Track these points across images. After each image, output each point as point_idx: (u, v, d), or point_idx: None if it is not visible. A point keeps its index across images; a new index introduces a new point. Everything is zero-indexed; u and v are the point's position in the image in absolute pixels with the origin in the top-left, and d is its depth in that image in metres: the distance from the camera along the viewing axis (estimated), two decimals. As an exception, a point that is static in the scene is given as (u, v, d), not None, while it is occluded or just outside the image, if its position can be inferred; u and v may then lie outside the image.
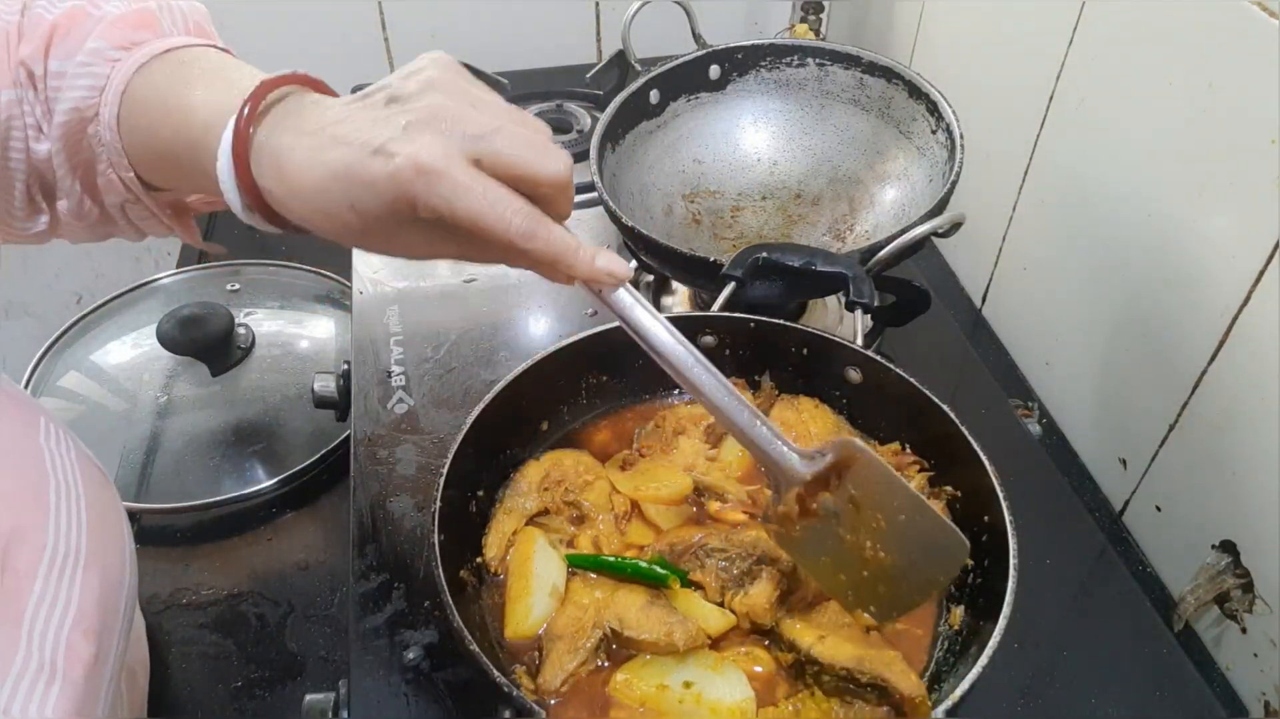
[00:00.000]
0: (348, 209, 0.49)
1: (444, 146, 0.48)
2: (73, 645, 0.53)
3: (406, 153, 0.47)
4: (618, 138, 1.00)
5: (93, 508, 0.58)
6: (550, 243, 0.51)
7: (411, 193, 0.48)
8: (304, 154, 0.50)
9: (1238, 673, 0.80)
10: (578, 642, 0.62)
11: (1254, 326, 0.73)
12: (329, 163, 0.49)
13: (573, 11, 1.47)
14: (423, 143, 0.48)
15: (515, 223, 0.49)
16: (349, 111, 0.51)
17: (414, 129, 0.48)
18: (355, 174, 0.48)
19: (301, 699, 0.72)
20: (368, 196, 0.49)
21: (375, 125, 0.49)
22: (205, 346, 1.05)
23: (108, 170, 0.60)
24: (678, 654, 0.61)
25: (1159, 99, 0.80)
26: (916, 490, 0.56)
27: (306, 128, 0.51)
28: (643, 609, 0.63)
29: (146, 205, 0.62)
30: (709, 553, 0.66)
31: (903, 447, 0.74)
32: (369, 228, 0.50)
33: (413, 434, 0.88)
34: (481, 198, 0.48)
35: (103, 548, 0.58)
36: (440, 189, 0.48)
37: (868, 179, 1.02)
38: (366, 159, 0.48)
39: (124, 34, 0.58)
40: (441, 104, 0.49)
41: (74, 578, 0.55)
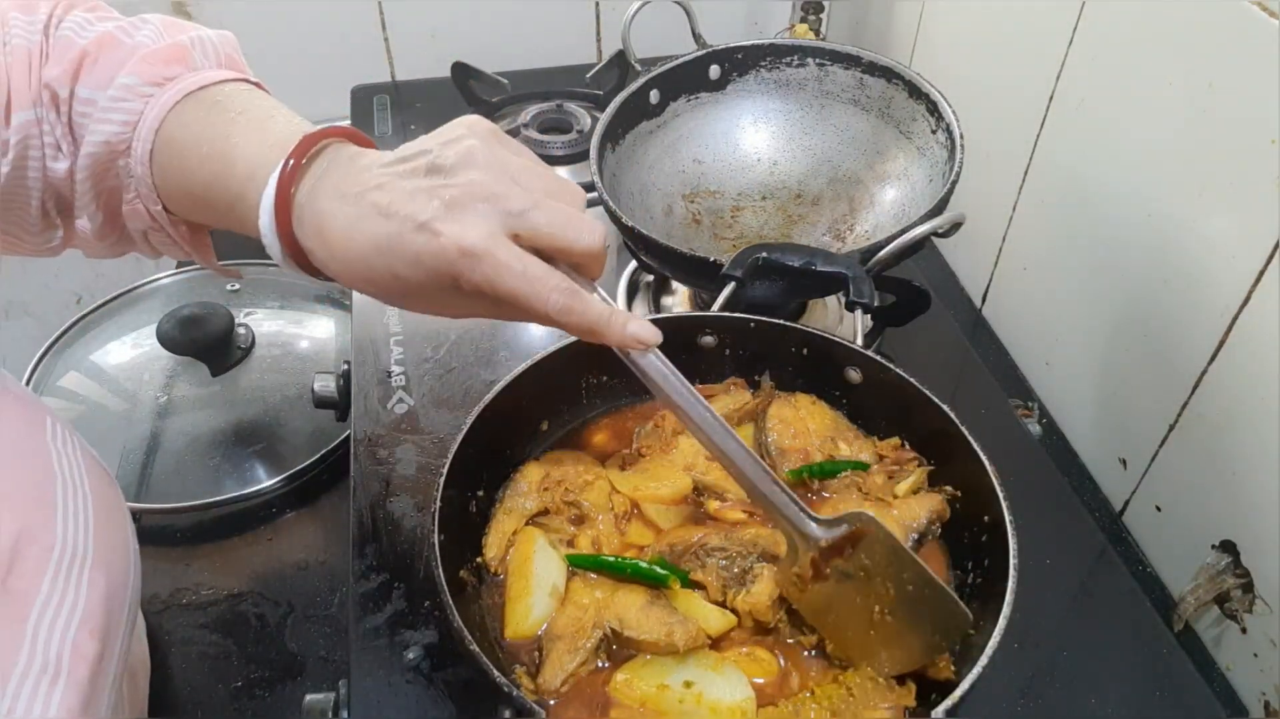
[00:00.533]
0: (391, 278, 0.52)
1: (486, 226, 0.50)
2: (78, 645, 0.53)
3: (450, 233, 0.50)
4: (618, 138, 1.00)
5: (99, 507, 0.58)
6: (585, 315, 0.54)
7: (455, 270, 0.50)
8: (345, 221, 0.52)
9: (1238, 673, 0.80)
10: (578, 642, 0.62)
11: (1254, 327, 0.73)
12: (372, 235, 0.51)
13: (573, 11, 1.47)
14: (466, 223, 0.50)
15: (553, 299, 0.52)
16: (389, 177, 0.53)
17: (456, 207, 0.51)
18: (398, 249, 0.51)
19: (301, 699, 0.72)
20: (411, 269, 0.51)
21: (416, 198, 0.51)
22: (205, 347, 1.05)
23: (135, 201, 0.60)
24: (678, 654, 0.61)
25: (1159, 99, 0.80)
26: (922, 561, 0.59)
27: (347, 190, 0.53)
28: (643, 609, 0.63)
29: (170, 234, 0.62)
30: (709, 552, 0.66)
31: (902, 443, 0.74)
32: (410, 293, 0.53)
33: (413, 434, 0.88)
34: (521, 277, 0.51)
35: (108, 547, 0.58)
36: (483, 269, 0.50)
37: (868, 179, 1.02)
38: (410, 234, 0.50)
39: (157, 69, 0.58)
40: (481, 181, 0.52)
41: (80, 577, 0.55)
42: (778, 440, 0.74)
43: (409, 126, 1.34)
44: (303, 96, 1.45)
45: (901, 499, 0.71)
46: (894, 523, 0.68)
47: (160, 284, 1.21)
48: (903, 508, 0.69)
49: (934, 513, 0.69)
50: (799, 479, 0.72)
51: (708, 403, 0.60)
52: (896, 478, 0.72)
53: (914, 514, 0.69)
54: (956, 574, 0.68)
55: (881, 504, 0.70)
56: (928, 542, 0.70)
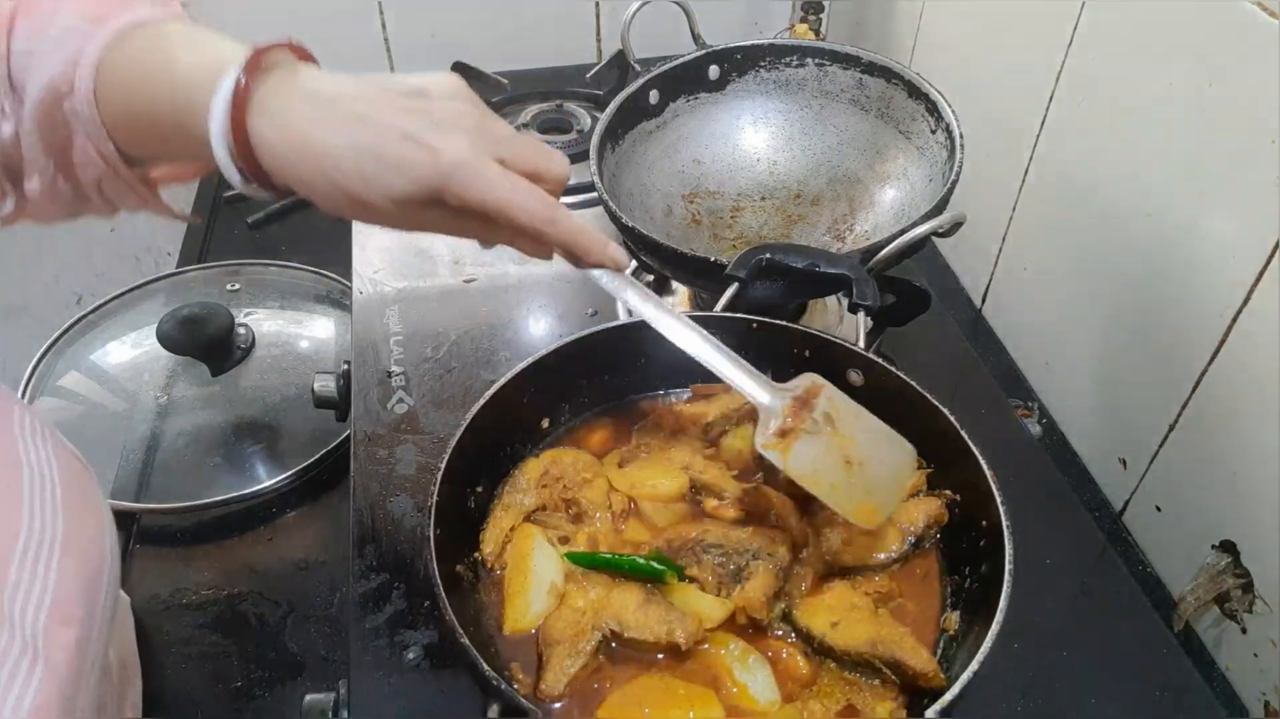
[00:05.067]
0: (361, 181, 0.53)
1: (474, 145, 0.54)
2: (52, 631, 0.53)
3: (445, 147, 0.53)
4: (618, 138, 1.00)
5: (69, 495, 0.58)
6: (568, 227, 0.58)
7: (445, 182, 0.53)
8: (319, 121, 0.54)
9: (1238, 673, 0.80)
10: (577, 645, 0.62)
11: (1254, 326, 0.73)
12: (352, 138, 0.53)
13: (573, 11, 1.48)
14: (458, 140, 0.54)
15: (539, 212, 0.56)
16: (366, 90, 0.55)
17: (447, 126, 0.54)
18: (383, 155, 0.53)
19: (301, 699, 0.72)
20: (393, 177, 0.53)
21: (404, 114, 0.54)
22: (205, 347, 1.05)
23: (85, 145, 0.59)
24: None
25: (1159, 99, 0.80)
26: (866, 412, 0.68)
27: (314, 94, 0.55)
28: (640, 607, 0.63)
29: (123, 178, 0.62)
30: (706, 549, 0.66)
31: None
32: (374, 202, 0.55)
33: (413, 434, 0.88)
34: (511, 189, 0.55)
35: (81, 535, 0.58)
36: (474, 181, 0.54)
37: (867, 179, 1.02)
38: (396, 143, 0.53)
39: (94, 8, 0.59)
40: (467, 110, 0.56)
41: (50, 564, 0.55)
42: None
43: (409, 126, 1.34)
44: (303, 96, 1.46)
45: (900, 503, 0.70)
46: (891, 526, 0.68)
47: (160, 284, 1.21)
48: (900, 511, 0.69)
49: (932, 517, 0.69)
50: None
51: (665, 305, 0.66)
52: None
53: (911, 518, 0.69)
54: (954, 580, 0.68)
55: None
56: (925, 548, 0.70)
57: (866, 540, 0.68)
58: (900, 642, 0.61)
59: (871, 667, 0.61)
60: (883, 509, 0.66)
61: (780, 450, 0.65)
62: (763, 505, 0.71)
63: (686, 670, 0.62)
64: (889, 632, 0.62)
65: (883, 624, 0.62)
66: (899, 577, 0.68)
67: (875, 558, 0.68)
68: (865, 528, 0.66)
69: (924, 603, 0.67)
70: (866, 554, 0.68)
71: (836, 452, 0.66)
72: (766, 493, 0.71)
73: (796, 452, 0.65)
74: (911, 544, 0.68)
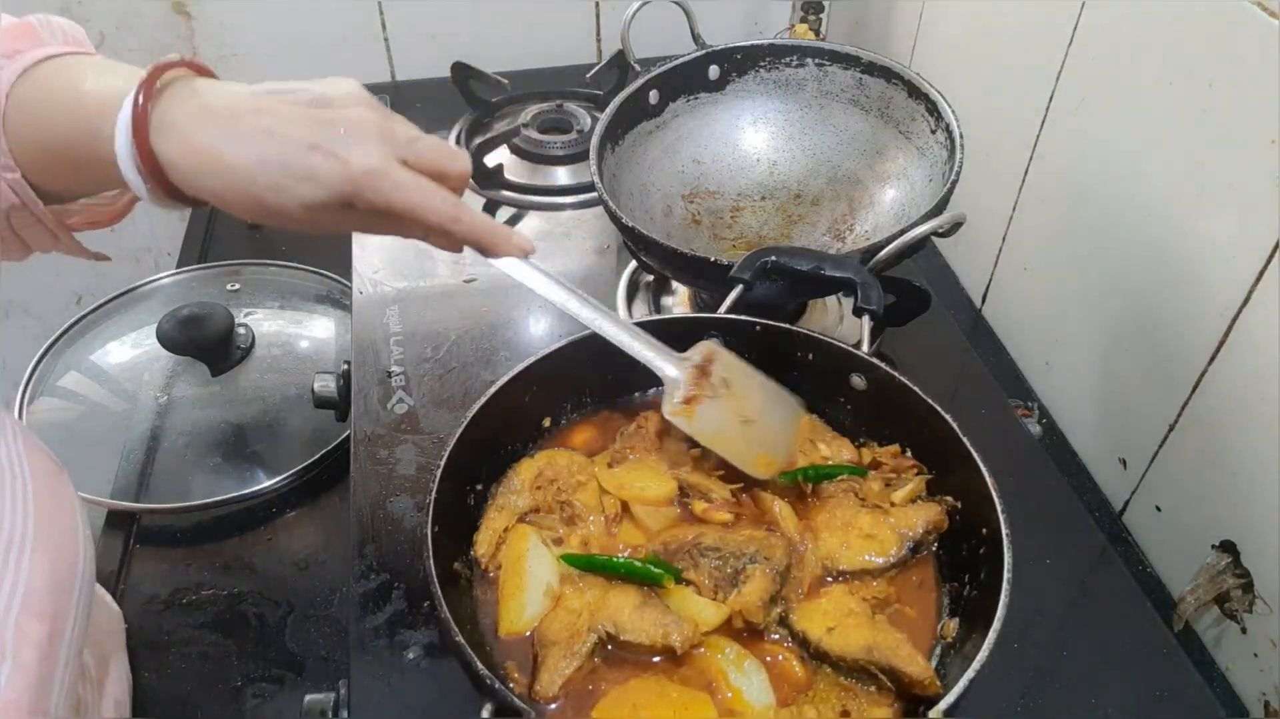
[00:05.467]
0: (274, 192, 0.56)
1: (380, 150, 0.57)
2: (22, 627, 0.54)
3: (352, 155, 0.55)
4: (618, 138, 1.00)
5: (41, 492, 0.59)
6: (473, 223, 0.61)
7: (355, 189, 0.56)
8: (220, 136, 0.56)
9: (1238, 673, 0.80)
10: (573, 647, 0.62)
11: (1254, 326, 0.73)
12: (259, 152, 0.55)
13: (573, 11, 1.48)
14: (365, 148, 0.56)
15: (445, 211, 0.59)
16: (266, 103, 0.57)
17: (353, 134, 0.56)
18: (292, 166, 0.55)
19: (301, 699, 0.72)
20: (304, 186, 0.55)
21: (309, 125, 0.56)
22: (205, 347, 1.05)
23: None
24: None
25: (1159, 99, 0.80)
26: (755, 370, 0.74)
27: (217, 110, 0.57)
28: (636, 610, 0.63)
29: (34, 212, 0.62)
30: (703, 552, 0.66)
31: (903, 449, 0.74)
32: (288, 210, 0.57)
33: (413, 434, 0.88)
34: (417, 191, 0.58)
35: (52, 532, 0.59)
36: (382, 186, 0.56)
37: (867, 179, 1.02)
38: (304, 153, 0.55)
39: (4, 43, 0.60)
40: (369, 117, 0.58)
41: (20, 560, 0.56)
42: None
43: (409, 127, 1.34)
44: (303, 96, 1.46)
45: (899, 507, 0.70)
46: (889, 530, 0.68)
47: (160, 284, 1.21)
48: (899, 515, 0.69)
49: (931, 523, 0.69)
50: (794, 481, 0.72)
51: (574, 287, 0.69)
52: (894, 485, 0.72)
53: (910, 523, 0.68)
54: (953, 587, 0.67)
55: (878, 511, 0.70)
56: (923, 554, 0.69)
57: (864, 544, 0.68)
58: (896, 649, 0.60)
59: (867, 673, 0.61)
60: (778, 459, 0.72)
61: (686, 416, 0.70)
62: (752, 506, 0.71)
63: (682, 674, 0.62)
64: (885, 638, 0.61)
65: (879, 630, 0.62)
66: (897, 582, 0.68)
67: (873, 562, 0.67)
68: (762, 477, 0.71)
69: (922, 609, 0.67)
70: (864, 559, 0.67)
71: (734, 412, 0.72)
72: (762, 496, 0.71)
73: (700, 416, 0.70)
74: (910, 549, 0.68)
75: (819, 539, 0.68)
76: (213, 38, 1.39)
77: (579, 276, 1.07)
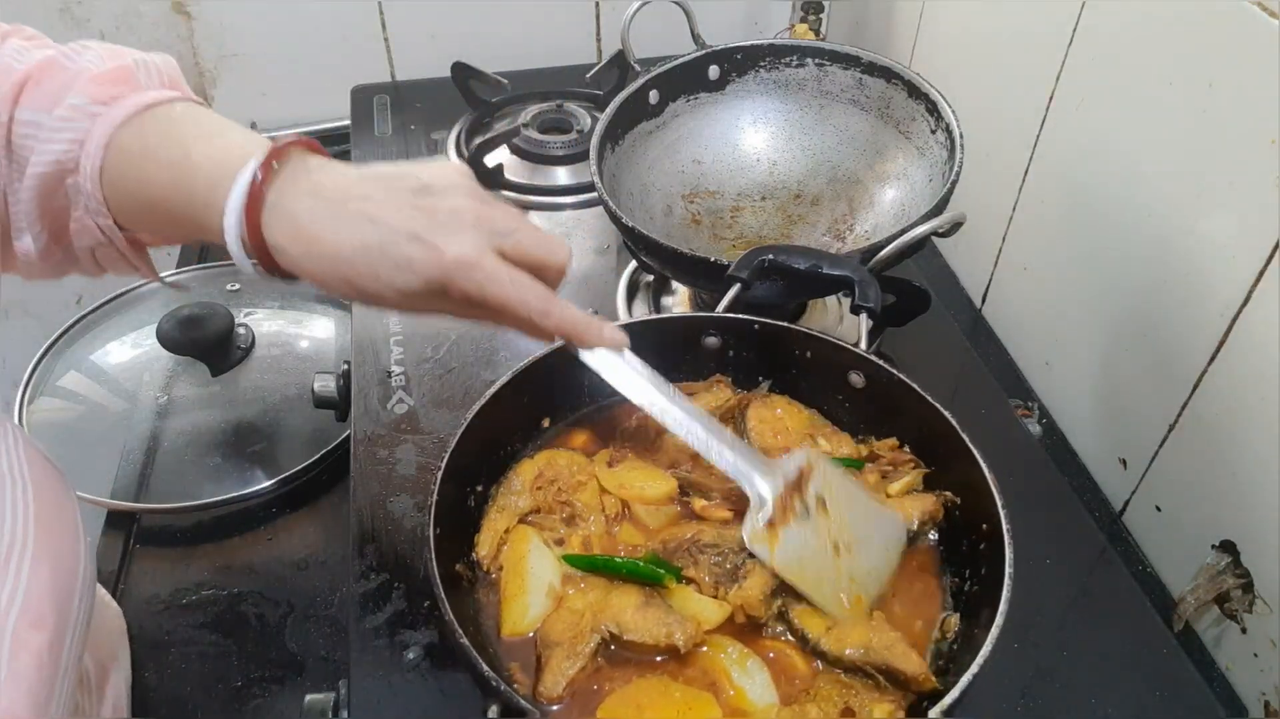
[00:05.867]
0: (372, 278, 0.56)
1: (476, 241, 0.56)
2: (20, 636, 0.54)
3: (448, 245, 0.55)
4: (618, 138, 1.00)
5: (41, 499, 0.59)
6: (564, 317, 0.60)
7: (449, 278, 0.56)
8: (327, 222, 0.57)
9: (1238, 673, 0.80)
10: (576, 647, 0.62)
11: (1254, 326, 0.73)
12: (361, 238, 0.56)
13: (573, 11, 1.47)
14: (461, 238, 0.56)
15: (535, 305, 0.58)
16: (373, 189, 0.57)
17: (451, 223, 0.56)
18: (390, 253, 0.56)
19: (301, 699, 0.72)
20: (399, 273, 0.56)
21: (409, 213, 0.56)
22: (205, 347, 1.05)
23: (83, 218, 0.61)
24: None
25: (1159, 99, 0.80)
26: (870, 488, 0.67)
27: (326, 194, 0.57)
28: (639, 610, 0.63)
29: (119, 249, 0.63)
30: (702, 549, 0.66)
31: (900, 443, 0.74)
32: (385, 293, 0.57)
33: (413, 434, 0.88)
34: (509, 284, 0.57)
35: (53, 539, 0.59)
36: (475, 277, 0.56)
37: (867, 179, 1.02)
38: (403, 243, 0.56)
39: (104, 89, 0.60)
40: (469, 206, 0.58)
41: (20, 568, 0.56)
42: (760, 441, 0.74)
43: (409, 126, 1.34)
44: (303, 96, 1.46)
45: (895, 499, 0.71)
46: None
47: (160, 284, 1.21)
48: (895, 507, 0.69)
49: (926, 514, 0.69)
50: None
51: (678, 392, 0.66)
52: (891, 478, 0.72)
53: (906, 514, 0.69)
54: (954, 582, 0.68)
55: None
56: (920, 545, 0.70)
57: None
58: (892, 648, 0.61)
59: (865, 671, 0.61)
60: (868, 596, 0.65)
61: (767, 543, 0.64)
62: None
63: (685, 673, 0.62)
64: (881, 638, 0.61)
65: (875, 630, 0.62)
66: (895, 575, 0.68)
67: None
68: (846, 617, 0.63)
69: (922, 604, 0.67)
70: None
71: (825, 537, 0.65)
72: None
73: (784, 541, 0.64)
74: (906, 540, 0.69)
75: None
76: (213, 38, 1.39)
77: (579, 276, 1.07)
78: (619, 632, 0.62)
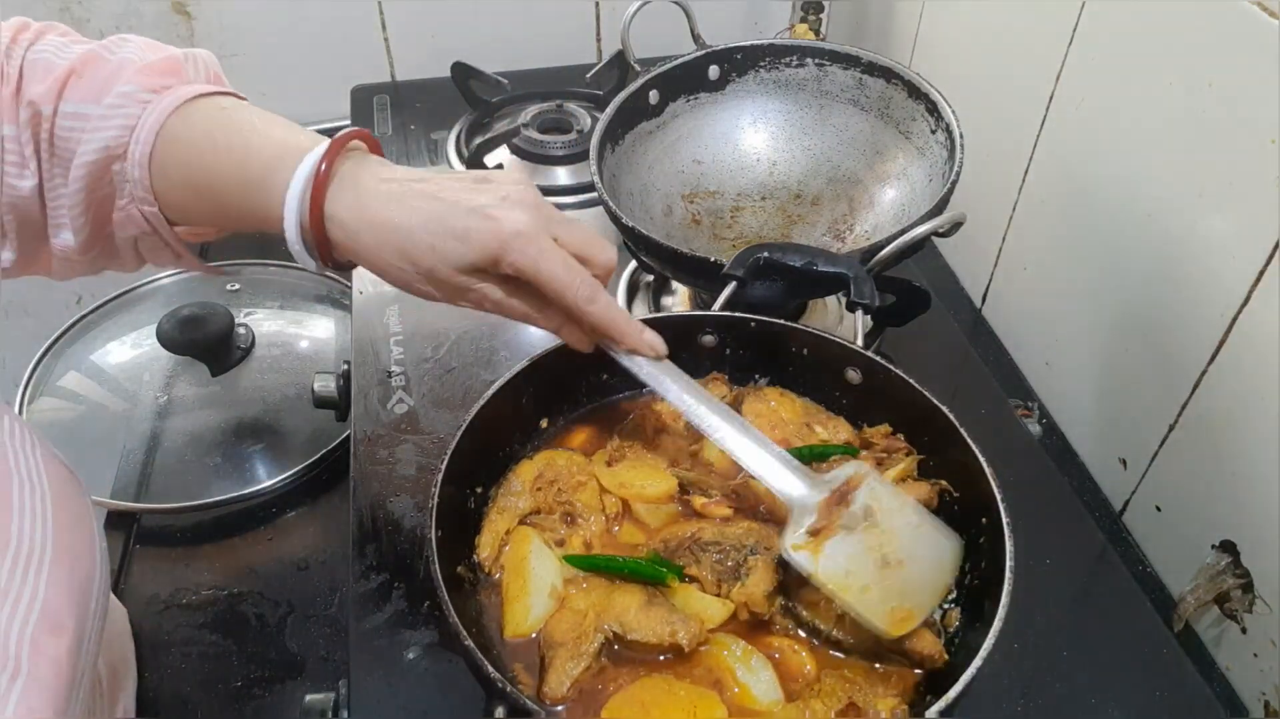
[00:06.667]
0: (428, 250, 0.58)
1: (533, 220, 0.59)
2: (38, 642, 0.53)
3: (506, 218, 0.58)
4: (617, 138, 1.00)
5: (59, 505, 0.59)
6: (609, 310, 0.62)
7: (505, 250, 0.58)
8: (391, 197, 0.59)
9: (1238, 673, 0.80)
10: (580, 647, 0.61)
11: (1254, 326, 0.73)
12: (422, 211, 0.58)
13: (573, 11, 1.48)
14: (521, 214, 0.59)
15: (582, 291, 0.60)
16: (433, 176, 0.61)
17: (510, 202, 0.59)
18: (450, 223, 0.58)
19: (301, 699, 0.72)
20: (458, 245, 0.58)
21: (470, 192, 0.59)
22: (205, 347, 1.05)
23: (128, 206, 0.62)
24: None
25: (1159, 99, 0.80)
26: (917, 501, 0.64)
27: (386, 176, 0.60)
28: (642, 609, 0.63)
29: (163, 237, 0.64)
30: (703, 547, 0.66)
31: (893, 430, 0.75)
32: (438, 271, 0.59)
33: (413, 434, 0.88)
34: (561, 263, 0.59)
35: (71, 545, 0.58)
36: (530, 251, 0.58)
37: (867, 179, 1.02)
38: (462, 214, 0.58)
39: (154, 79, 0.62)
40: (527, 193, 0.61)
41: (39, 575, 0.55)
42: None
43: (409, 126, 1.34)
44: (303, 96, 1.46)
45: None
46: None
47: (160, 284, 1.21)
48: None
49: (920, 500, 0.69)
50: None
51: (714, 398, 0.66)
52: (885, 465, 0.73)
53: None
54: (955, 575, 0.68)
55: None
56: None
57: None
58: None
59: (878, 655, 0.62)
60: (918, 613, 0.61)
61: (811, 550, 0.61)
62: (751, 499, 0.71)
63: (689, 672, 0.62)
64: None
65: None
66: None
67: None
68: (893, 635, 0.60)
69: None
70: None
71: (874, 549, 0.61)
72: (754, 486, 0.71)
73: (828, 552, 0.61)
74: None
75: None
76: (213, 38, 1.39)
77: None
78: (622, 631, 0.62)
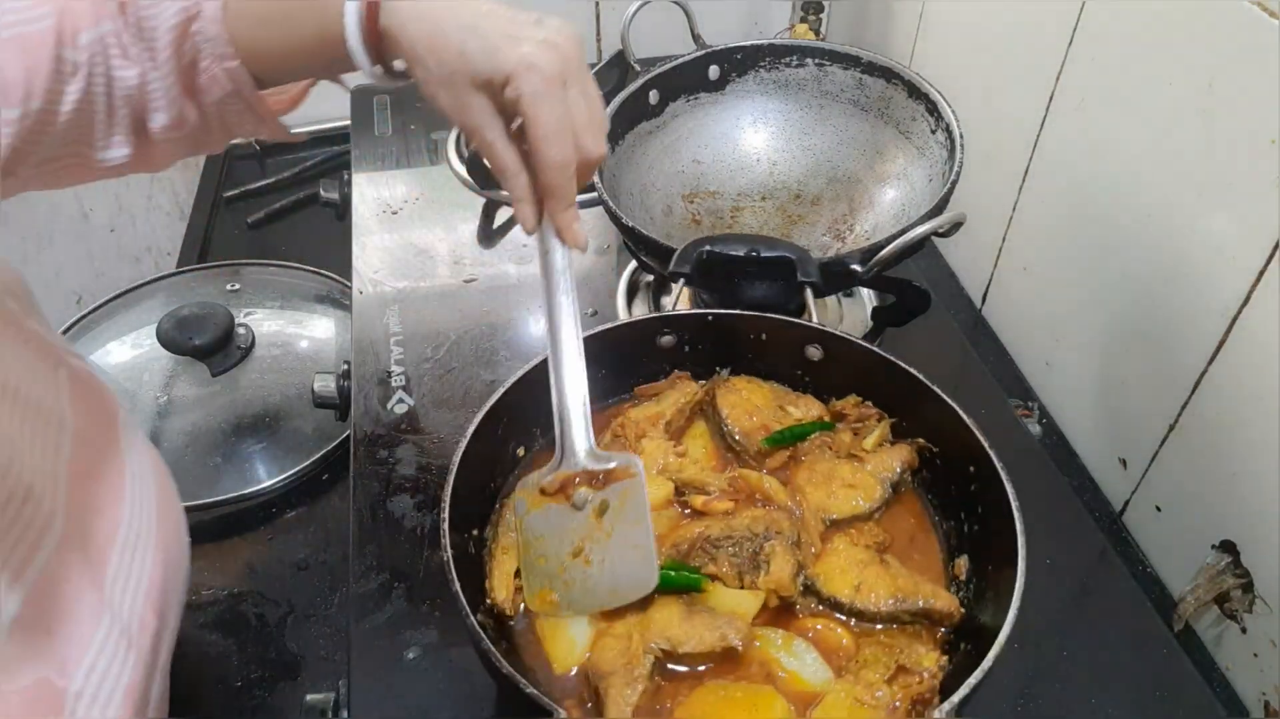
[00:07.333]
0: (458, 53, 0.59)
1: (557, 65, 0.59)
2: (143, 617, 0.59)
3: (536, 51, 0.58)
4: (617, 138, 1.00)
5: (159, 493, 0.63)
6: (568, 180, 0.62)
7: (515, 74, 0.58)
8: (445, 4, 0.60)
9: (1238, 673, 0.80)
10: (632, 672, 0.60)
11: (1254, 326, 0.73)
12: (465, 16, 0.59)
13: (573, 11, 1.47)
14: (549, 54, 0.59)
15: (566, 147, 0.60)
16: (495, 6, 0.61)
17: (548, 44, 0.59)
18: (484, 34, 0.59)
19: (301, 699, 0.72)
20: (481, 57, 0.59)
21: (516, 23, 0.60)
22: (205, 347, 1.05)
23: (211, 66, 0.62)
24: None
25: (1159, 99, 0.80)
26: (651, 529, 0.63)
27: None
28: (685, 620, 0.62)
29: (245, 97, 0.64)
30: (716, 544, 0.66)
31: (861, 399, 0.76)
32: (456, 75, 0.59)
33: (413, 434, 0.88)
34: (557, 115, 0.59)
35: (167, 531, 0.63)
36: (539, 86, 0.58)
37: (867, 179, 1.02)
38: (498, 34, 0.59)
39: None
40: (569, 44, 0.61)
41: (145, 556, 0.60)
42: (738, 425, 0.75)
43: (409, 127, 1.34)
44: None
45: (872, 453, 0.73)
46: (869, 476, 0.71)
47: (160, 284, 1.21)
48: (875, 461, 0.72)
49: (905, 462, 0.72)
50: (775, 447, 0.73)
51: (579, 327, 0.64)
52: (862, 434, 0.74)
53: (888, 466, 0.72)
54: (951, 525, 0.70)
55: (854, 460, 0.73)
56: (903, 490, 0.73)
57: (848, 493, 0.70)
58: (919, 588, 0.63)
59: (899, 619, 0.63)
60: (560, 608, 0.62)
61: (528, 499, 0.62)
62: (746, 488, 0.71)
63: (737, 671, 0.61)
64: (906, 582, 0.64)
65: (897, 575, 0.64)
66: (885, 524, 0.71)
67: (861, 506, 0.70)
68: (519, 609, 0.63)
69: (926, 553, 0.70)
70: (852, 504, 0.70)
71: (578, 535, 0.62)
72: (746, 475, 0.72)
73: (544, 511, 0.62)
74: (891, 488, 0.71)
75: (807, 497, 0.70)
76: (213, 38, 1.38)
77: (579, 276, 1.07)
78: (671, 647, 0.61)
